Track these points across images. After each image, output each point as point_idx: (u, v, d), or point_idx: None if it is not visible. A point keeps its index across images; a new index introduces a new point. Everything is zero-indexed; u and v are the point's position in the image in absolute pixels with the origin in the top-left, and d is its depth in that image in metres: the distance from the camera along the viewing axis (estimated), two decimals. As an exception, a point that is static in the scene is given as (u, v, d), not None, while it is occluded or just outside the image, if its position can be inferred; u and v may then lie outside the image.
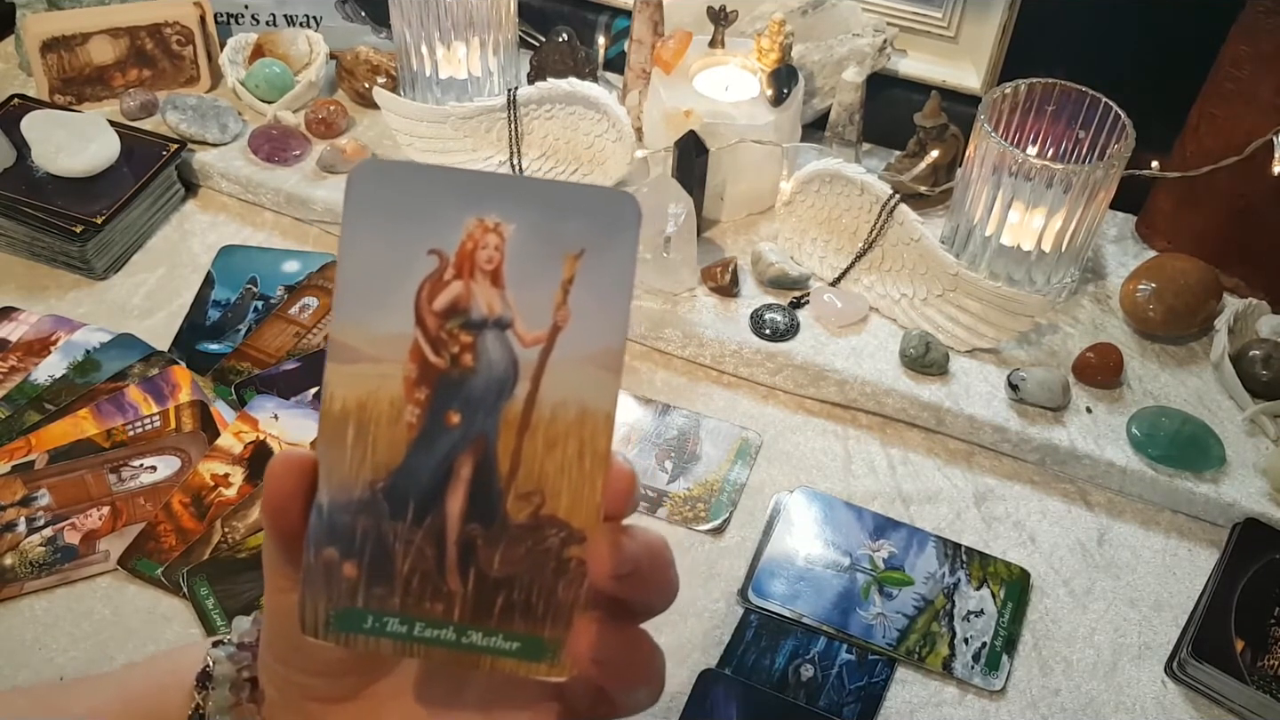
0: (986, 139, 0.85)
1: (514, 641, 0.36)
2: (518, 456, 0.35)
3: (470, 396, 0.35)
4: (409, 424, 0.35)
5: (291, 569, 0.37)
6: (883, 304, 0.91)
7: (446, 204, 0.35)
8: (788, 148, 0.93)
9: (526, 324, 0.35)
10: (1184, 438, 0.81)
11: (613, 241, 0.35)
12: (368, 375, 0.36)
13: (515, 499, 0.36)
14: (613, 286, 0.35)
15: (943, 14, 1.03)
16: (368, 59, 1.07)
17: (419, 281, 0.35)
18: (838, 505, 0.81)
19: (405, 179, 0.35)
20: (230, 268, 0.96)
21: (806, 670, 0.71)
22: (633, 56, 1.01)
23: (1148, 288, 0.88)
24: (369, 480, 0.35)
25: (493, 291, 0.35)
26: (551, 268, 0.35)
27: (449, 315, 0.35)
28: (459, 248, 0.35)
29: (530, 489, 0.36)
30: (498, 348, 0.35)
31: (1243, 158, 0.86)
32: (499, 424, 0.35)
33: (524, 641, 0.36)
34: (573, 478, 0.35)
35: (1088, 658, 0.73)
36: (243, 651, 0.47)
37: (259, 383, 0.87)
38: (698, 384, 0.89)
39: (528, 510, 0.36)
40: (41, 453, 0.79)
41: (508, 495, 0.36)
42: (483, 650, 0.36)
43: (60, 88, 1.06)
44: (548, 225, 0.35)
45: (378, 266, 0.36)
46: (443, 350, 0.35)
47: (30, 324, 0.89)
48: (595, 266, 0.35)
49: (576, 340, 0.35)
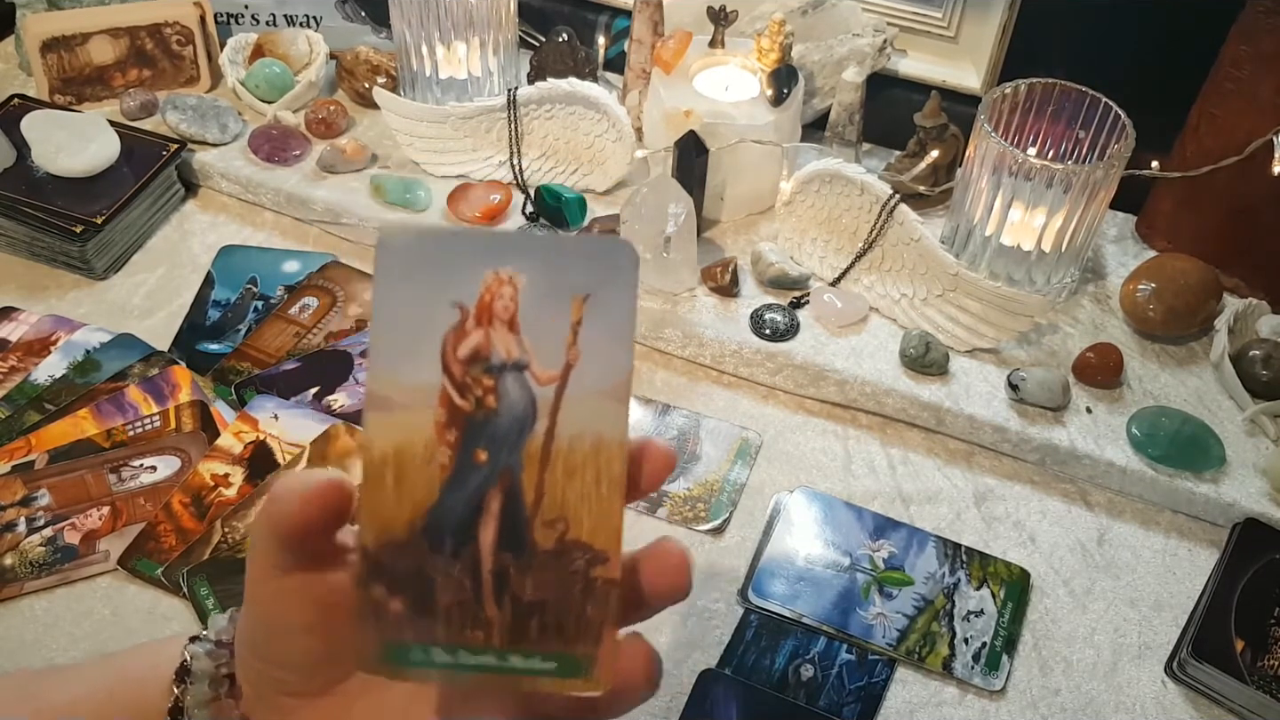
0: (986, 139, 0.85)
1: (551, 661, 0.39)
2: (541, 487, 0.38)
3: (495, 435, 0.38)
4: (441, 465, 0.38)
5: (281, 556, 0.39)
6: (883, 304, 0.91)
7: (464, 261, 0.38)
8: (788, 148, 0.93)
9: (542, 364, 0.38)
10: (1184, 438, 0.81)
11: (614, 284, 0.39)
12: (402, 422, 0.38)
13: (542, 527, 0.39)
14: (616, 324, 0.39)
15: (943, 14, 1.03)
16: (368, 59, 1.07)
17: (443, 333, 0.38)
18: (838, 505, 0.81)
19: (427, 242, 0.38)
20: (230, 268, 0.96)
21: (806, 670, 0.71)
22: (633, 56, 1.01)
23: (1148, 288, 0.88)
24: (408, 520, 0.38)
25: (510, 337, 0.38)
26: (561, 312, 0.38)
27: (472, 362, 0.38)
28: (478, 300, 0.38)
29: (554, 516, 0.39)
30: (517, 388, 0.39)
31: (1243, 158, 0.86)
32: (522, 458, 0.38)
33: (560, 660, 0.39)
34: (592, 503, 0.39)
35: (1088, 658, 0.73)
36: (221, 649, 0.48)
37: (259, 383, 0.87)
38: (698, 384, 0.89)
39: (554, 537, 0.39)
40: (41, 453, 0.79)
41: (534, 524, 0.39)
42: (523, 672, 0.39)
43: (60, 88, 1.06)
44: (555, 274, 0.38)
45: (406, 322, 0.38)
46: (468, 394, 0.39)
47: (30, 324, 0.89)
48: (600, 308, 0.39)
49: (587, 376, 0.38)
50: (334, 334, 0.91)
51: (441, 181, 0.99)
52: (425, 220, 0.96)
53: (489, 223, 0.95)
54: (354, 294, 0.94)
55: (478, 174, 1.00)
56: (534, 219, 0.96)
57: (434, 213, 0.97)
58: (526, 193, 0.99)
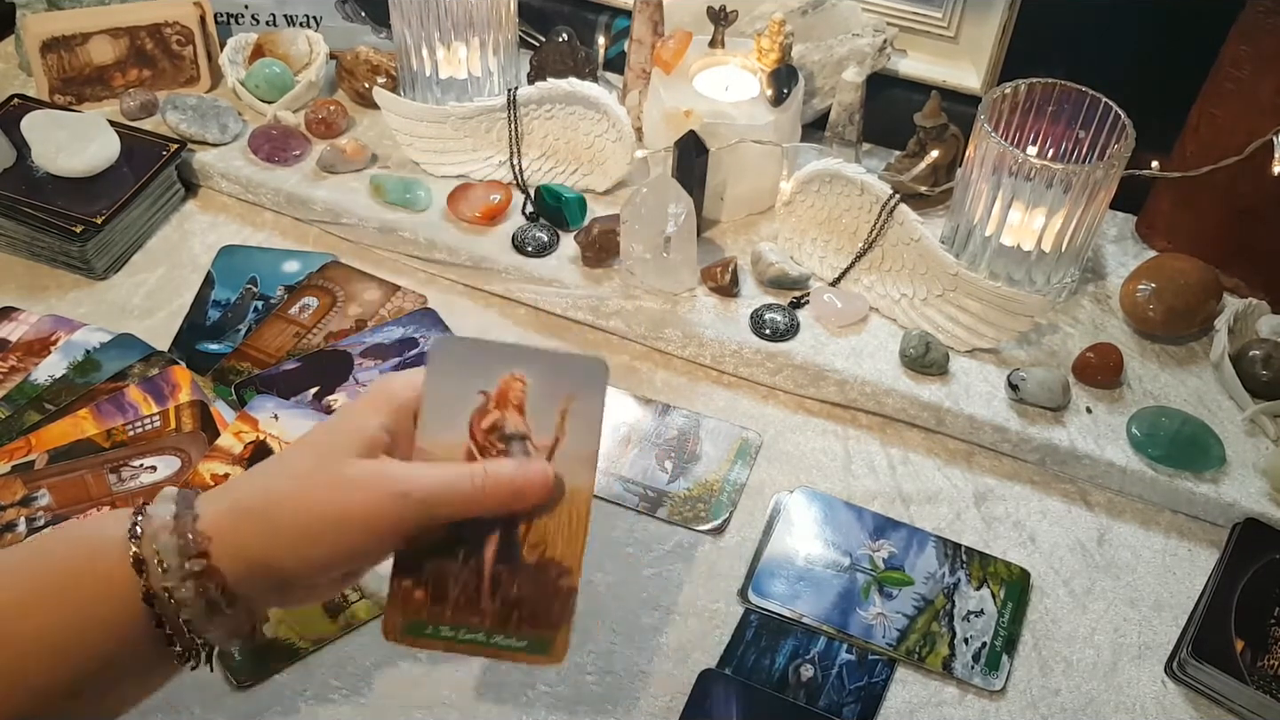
0: (986, 139, 0.85)
1: (524, 640, 0.55)
2: (530, 520, 0.55)
3: None
4: None
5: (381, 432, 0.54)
6: (883, 304, 0.91)
7: (490, 364, 0.56)
8: (788, 148, 0.93)
9: (538, 436, 0.55)
10: (1184, 438, 0.81)
11: (590, 389, 0.56)
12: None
13: (528, 548, 0.55)
14: (590, 415, 0.56)
15: (943, 14, 1.03)
16: (368, 59, 1.07)
17: (471, 411, 0.55)
18: (838, 505, 0.81)
19: (466, 348, 0.57)
20: (230, 268, 0.96)
21: (806, 670, 0.71)
22: (633, 56, 1.01)
23: (1148, 288, 0.88)
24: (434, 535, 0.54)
25: (518, 417, 0.56)
26: (554, 404, 0.56)
27: (490, 431, 0.55)
28: (497, 391, 0.55)
29: (538, 541, 0.55)
30: (520, 451, 0.55)
31: (1243, 158, 0.86)
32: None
33: (531, 640, 0.55)
34: (565, 532, 0.55)
35: (1088, 658, 0.73)
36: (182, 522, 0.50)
37: (259, 383, 0.87)
38: (698, 384, 0.89)
39: (536, 555, 0.55)
40: (41, 453, 0.79)
41: (524, 545, 0.55)
42: (503, 647, 0.55)
43: (60, 88, 1.06)
44: (552, 379, 0.56)
45: (446, 402, 0.55)
46: (485, 453, 0.55)
47: (30, 324, 0.89)
48: (579, 403, 0.56)
49: (568, 447, 0.56)
50: (334, 334, 0.91)
51: (441, 181, 0.99)
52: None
53: (489, 222, 0.95)
54: (354, 294, 0.94)
55: (478, 174, 1.00)
56: (534, 219, 0.96)
57: (434, 212, 0.97)
58: (526, 193, 0.99)
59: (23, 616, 0.49)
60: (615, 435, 0.85)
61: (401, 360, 0.89)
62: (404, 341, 0.90)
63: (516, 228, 0.96)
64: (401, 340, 0.91)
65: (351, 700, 0.69)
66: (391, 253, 0.98)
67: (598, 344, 0.92)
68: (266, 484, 0.52)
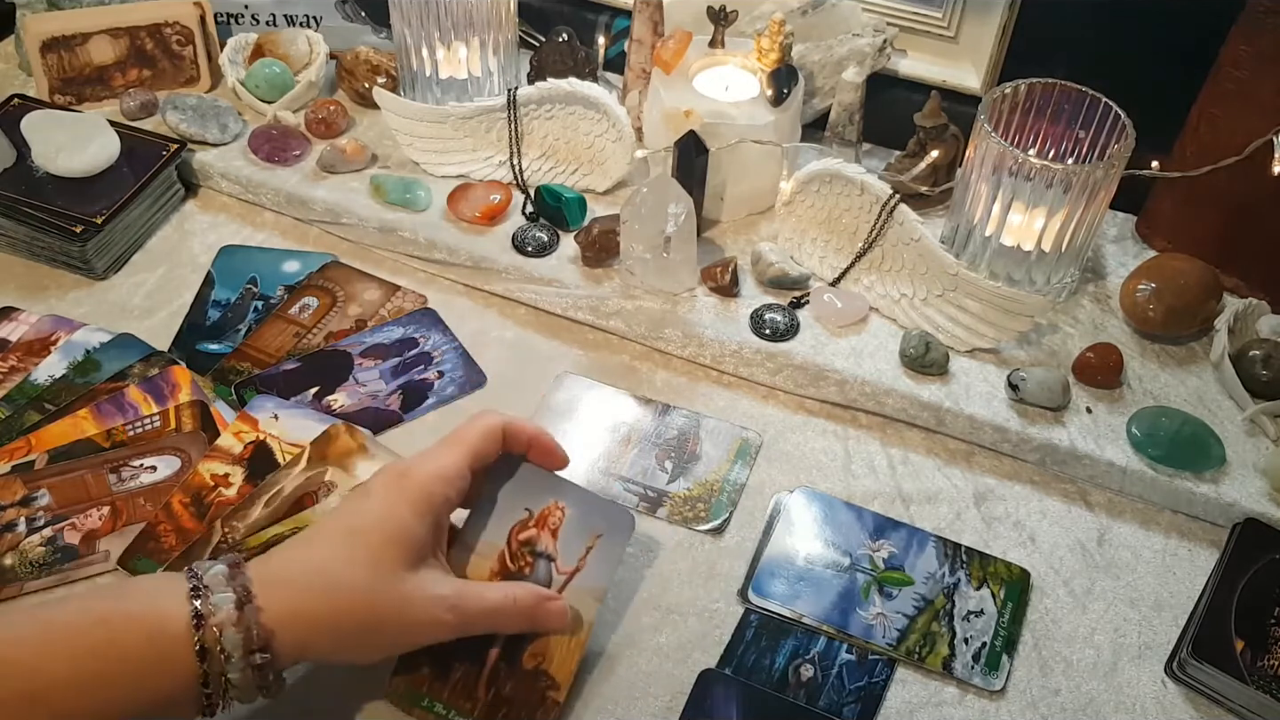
0: (986, 139, 0.85)
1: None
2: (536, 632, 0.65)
3: None
4: None
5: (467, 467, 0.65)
6: (883, 304, 0.91)
7: (541, 489, 0.68)
8: (788, 148, 0.94)
9: (563, 562, 0.66)
10: (1184, 438, 0.81)
11: (617, 534, 0.68)
12: (473, 561, 0.67)
13: (529, 655, 0.65)
14: (611, 556, 0.67)
15: (943, 14, 1.03)
16: (368, 59, 1.07)
17: (513, 523, 0.67)
18: (838, 505, 0.81)
19: (526, 471, 0.68)
20: (230, 268, 0.96)
21: (806, 670, 0.71)
22: (633, 56, 1.01)
23: (1148, 287, 0.88)
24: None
25: (551, 540, 0.67)
26: (584, 538, 0.67)
27: (524, 544, 0.67)
28: (540, 512, 0.67)
29: (538, 651, 0.65)
30: (544, 569, 0.66)
31: (1243, 158, 0.86)
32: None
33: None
34: (562, 651, 0.65)
35: (1088, 658, 0.73)
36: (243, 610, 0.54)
37: (259, 383, 0.87)
38: (698, 384, 0.89)
39: (534, 664, 0.64)
40: (41, 453, 0.79)
41: (525, 651, 0.65)
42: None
43: (60, 88, 1.06)
44: (587, 516, 0.68)
45: (496, 510, 0.67)
46: (515, 560, 0.66)
47: (30, 324, 0.89)
48: (605, 543, 0.67)
49: (585, 579, 0.66)
50: (334, 334, 0.91)
51: (441, 181, 1.00)
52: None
53: (489, 222, 0.95)
54: (354, 294, 0.94)
55: (478, 174, 1.00)
56: (534, 219, 0.96)
57: (434, 212, 0.97)
58: (526, 193, 0.99)
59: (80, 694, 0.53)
60: (615, 435, 0.85)
61: (401, 360, 0.89)
62: (404, 341, 0.90)
63: (516, 228, 0.96)
64: (401, 340, 0.91)
65: (351, 700, 0.69)
66: (391, 253, 0.98)
67: (598, 344, 0.92)
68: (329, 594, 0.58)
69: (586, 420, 0.86)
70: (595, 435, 0.84)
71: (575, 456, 0.82)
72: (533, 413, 0.86)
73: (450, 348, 0.90)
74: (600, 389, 0.88)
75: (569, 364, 0.90)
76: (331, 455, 0.79)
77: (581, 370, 0.90)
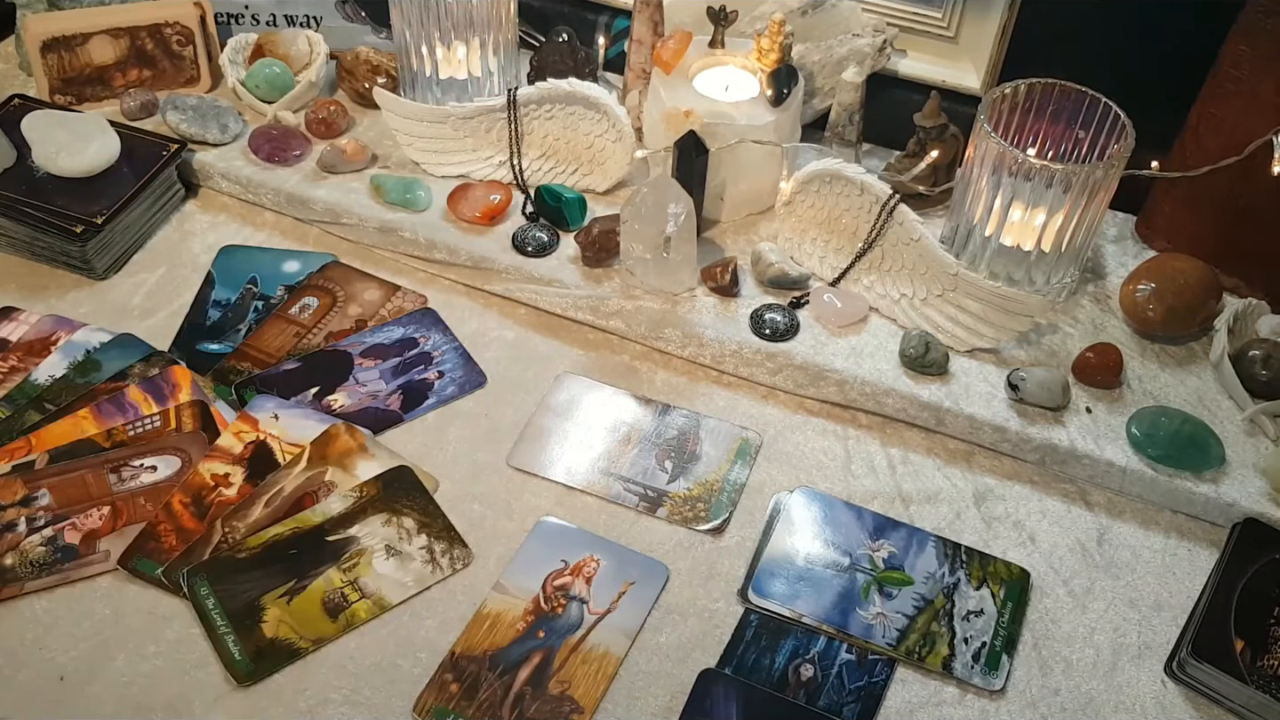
0: (986, 139, 0.85)
1: None
2: (564, 662, 0.70)
3: (554, 627, 0.72)
4: (518, 629, 0.72)
5: None
6: (883, 304, 0.91)
7: (579, 545, 0.76)
8: (788, 148, 0.93)
9: (595, 605, 0.73)
10: (1184, 438, 0.81)
11: (650, 581, 0.75)
12: (509, 601, 0.74)
13: (555, 681, 0.69)
14: (643, 601, 0.73)
15: (943, 14, 1.03)
16: (368, 59, 1.07)
17: (550, 570, 0.75)
18: (838, 505, 0.81)
19: (566, 531, 0.77)
20: (230, 268, 0.96)
21: (806, 670, 0.71)
22: (633, 56, 1.01)
23: (1147, 288, 0.88)
24: (485, 648, 0.71)
25: (585, 587, 0.74)
26: (616, 585, 0.74)
27: (559, 590, 0.74)
28: (576, 563, 0.75)
29: (565, 679, 0.70)
30: (576, 611, 0.73)
31: (1243, 158, 0.86)
32: (562, 644, 0.72)
33: None
34: (589, 681, 0.70)
35: (1088, 658, 0.73)
36: None
37: (259, 383, 0.87)
38: (698, 384, 0.89)
39: (560, 690, 0.69)
40: (42, 453, 0.79)
41: (553, 679, 0.70)
42: None
43: (60, 88, 1.06)
44: (621, 566, 0.75)
45: (533, 560, 0.75)
46: (549, 602, 0.73)
47: (30, 324, 0.89)
48: (637, 589, 0.74)
49: (615, 620, 0.73)
50: (334, 334, 0.91)
51: (441, 181, 1.00)
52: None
53: (489, 222, 0.95)
54: (354, 294, 0.94)
55: (478, 174, 1.00)
56: (534, 219, 0.96)
57: (434, 212, 0.97)
58: (526, 193, 0.99)
59: None
60: (615, 435, 0.85)
61: (401, 360, 0.89)
62: (404, 341, 0.90)
63: (516, 228, 0.96)
64: (401, 340, 0.91)
65: (352, 700, 0.69)
66: (391, 253, 0.98)
67: (598, 344, 0.92)
68: None
69: (586, 420, 0.86)
70: (595, 435, 0.84)
71: (575, 456, 0.83)
72: (533, 413, 0.86)
73: (450, 348, 0.90)
74: (600, 389, 0.88)
75: (569, 364, 0.90)
76: (331, 455, 0.80)
77: (581, 370, 0.90)
